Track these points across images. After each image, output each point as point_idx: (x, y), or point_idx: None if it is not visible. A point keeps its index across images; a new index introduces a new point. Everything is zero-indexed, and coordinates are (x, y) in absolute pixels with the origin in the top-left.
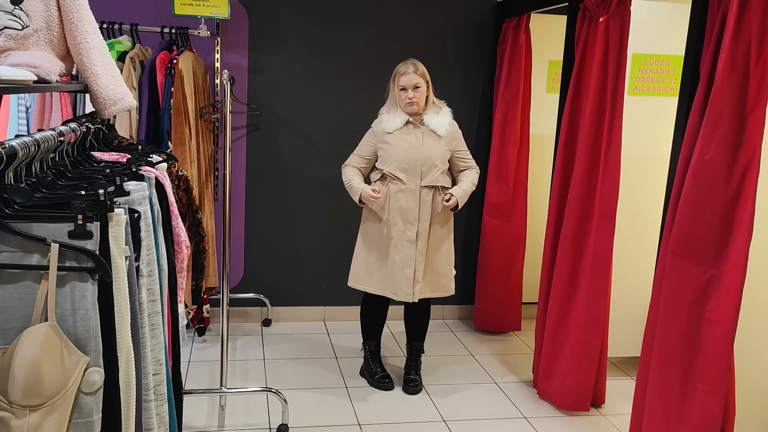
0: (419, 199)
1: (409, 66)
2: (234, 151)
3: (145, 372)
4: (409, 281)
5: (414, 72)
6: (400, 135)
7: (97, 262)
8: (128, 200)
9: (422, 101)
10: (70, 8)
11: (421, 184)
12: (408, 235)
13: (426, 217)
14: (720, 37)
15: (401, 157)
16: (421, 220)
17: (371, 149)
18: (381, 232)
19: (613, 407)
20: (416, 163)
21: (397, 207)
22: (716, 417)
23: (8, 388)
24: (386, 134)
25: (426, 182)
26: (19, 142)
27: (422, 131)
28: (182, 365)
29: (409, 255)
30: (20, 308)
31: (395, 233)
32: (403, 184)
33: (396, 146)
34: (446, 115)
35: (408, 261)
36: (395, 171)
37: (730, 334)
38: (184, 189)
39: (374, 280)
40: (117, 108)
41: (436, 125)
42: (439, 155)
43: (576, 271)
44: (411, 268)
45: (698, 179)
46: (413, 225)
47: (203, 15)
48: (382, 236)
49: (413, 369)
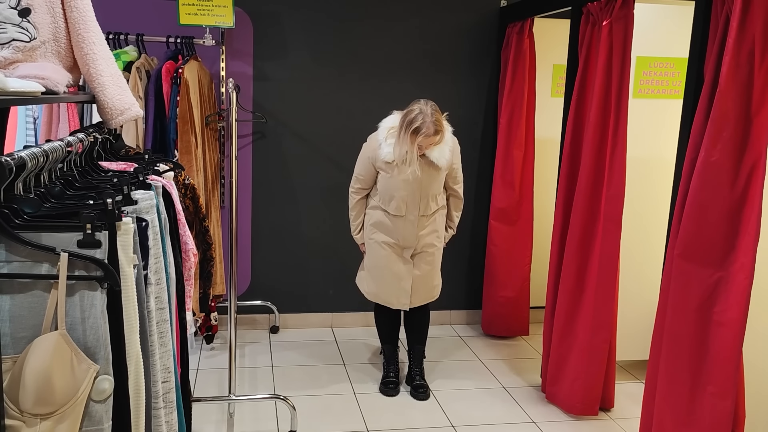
0: (416, 227)
1: (430, 127)
2: (240, 159)
3: (154, 380)
4: (406, 293)
5: (435, 132)
6: (399, 167)
7: (105, 271)
8: (136, 209)
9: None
10: (77, 20)
11: (420, 214)
12: (405, 255)
13: (422, 241)
14: (724, 38)
15: (400, 190)
16: (419, 244)
17: (371, 171)
18: (381, 247)
19: (623, 411)
20: (415, 195)
21: (396, 231)
22: (726, 420)
23: (19, 397)
24: (385, 162)
25: (425, 211)
26: (27, 153)
27: (422, 164)
28: (191, 373)
29: (406, 270)
30: (30, 317)
31: (394, 251)
32: (402, 214)
33: (395, 179)
34: (449, 142)
35: (405, 275)
36: (394, 204)
37: (739, 336)
38: (191, 197)
39: (376, 290)
40: (124, 118)
41: (437, 157)
42: (438, 184)
43: (583, 274)
44: (408, 281)
45: (704, 181)
46: (410, 248)
47: (208, 24)
48: (381, 251)
49: (419, 374)
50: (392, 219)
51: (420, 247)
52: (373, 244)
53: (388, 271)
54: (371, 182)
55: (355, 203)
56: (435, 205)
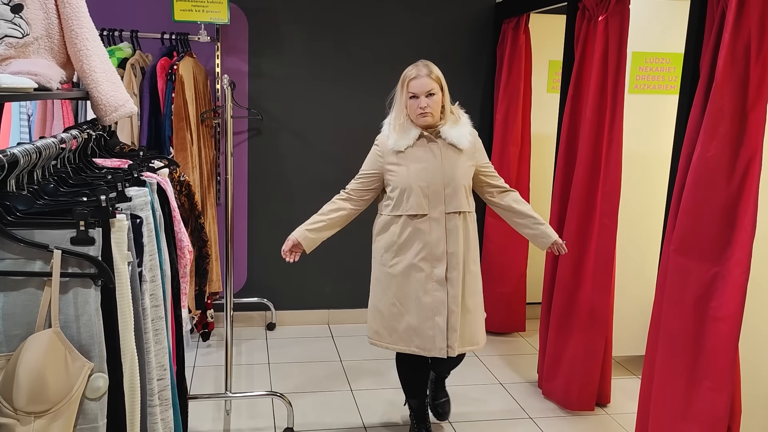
0: (445, 229)
1: (421, 68)
2: (236, 155)
3: (150, 377)
4: (442, 332)
5: (427, 75)
6: (413, 153)
7: (99, 268)
8: (130, 206)
9: (437, 110)
10: (70, 16)
11: (446, 211)
12: (437, 274)
13: (456, 251)
14: (719, 33)
15: (419, 179)
16: (451, 255)
17: (375, 170)
18: (402, 273)
19: (619, 406)
20: (438, 185)
21: (420, 242)
22: (723, 414)
23: (13, 395)
24: (396, 153)
25: (452, 208)
26: (20, 150)
27: (439, 146)
28: (187, 370)
29: (440, 299)
30: (24, 315)
31: (420, 273)
32: (424, 212)
33: (411, 167)
34: (466, 125)
35: (439, 306)
36: (413, 200)
37: (735, 330)
38: (186, 194)
39: (398, 334)
40: (118, 114)
41: (456, 137)
42: (463, 173)
43: (579, 270)
44: (443, 314)
45: (700, 177)
46: (441, 261)
47: (203, 20)
48: (403, 279)
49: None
50: (413, 225)
51: (454, 262)
52: (387, 276)
53: (416, 303)
54: (363, 184)
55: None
56: (465, 204)
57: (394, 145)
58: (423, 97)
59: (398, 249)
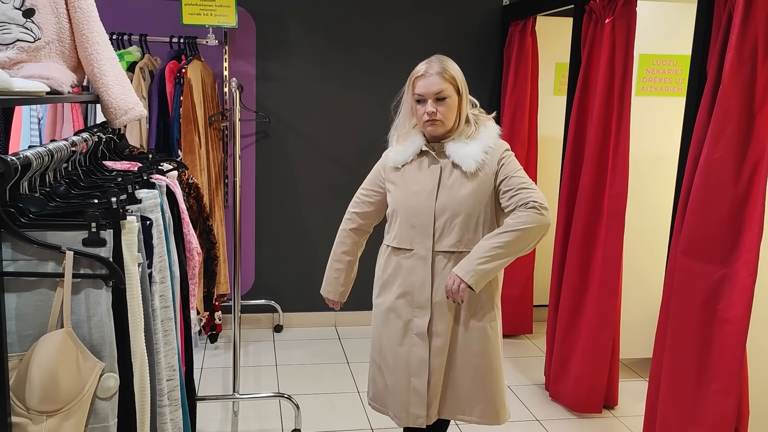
0: (432, 271)
1: (433, 64)
2: (243, 158)
3: (159, 377)
4: (420, 396)
5: (438, 74)
6: (409, 171)
7: (110, 269)
8: (140, 208)
9: (450, 118)
10: (81, 20)
11: (435, 248)
12: (417, 325)
13: (444, 301)
14: (726, 36)
15: (408, 205)
16: (437, 305)
17: (373, 188)
18: (383, 315)
19: (626, 409)
20: (425, 215)
21: (401, 282)
22: (730, 417)
23: (25, 394)
24: (393, 170)
25: (445, 245)
26: (33, 153)
27: (441, 166)
28: (195, 372)
29: (419, 356)
30: (36, 315)
31: (398, 321)
32: (408, 246)
33: (402, 189)
34: (482, 140)
35: (418, 365)
36: (398, 228)
37: (743, 332)
38: (195, 196)
39: (377, 389)
40: (127, 117)
41: (462, 157)
42: (464, 202)
43: (586, 272)
44: (422, 376)
45: (707, 178)
46: (424, 310)
47: (211, 24)
48: (383, 323)
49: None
50: (397, 260)
51: (440, 313)
52: (375, 313)
53: (393, 356)
54: (368, 208)
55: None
56: (466, 241)
57: (393, 160)
58: (431, 101)
59: (382, 286)
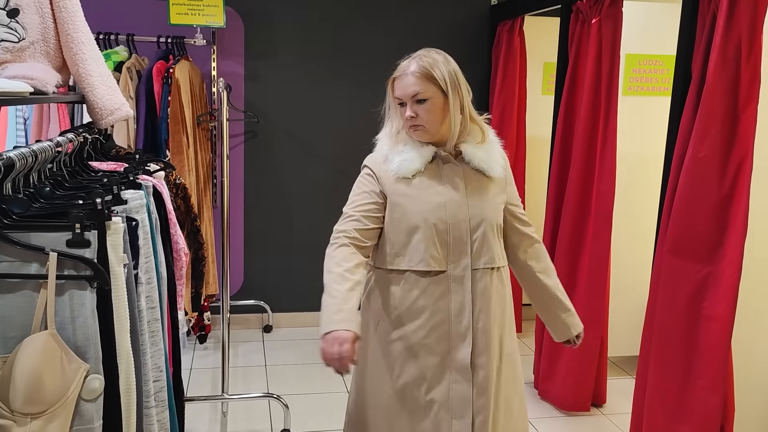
0: (472, 293)
1: (412, 63)
2: (232, 158)
3: (146, 379)
4: None
5: (413, 73)
6: (423, 181)
7: (95, 271)
8: (126, 209)
9: (434, 122)
10: (66, 20)
11: (474, 266)
12: (460, 357)
13: (488, 327)
14: (711, 36)
15: (435, 218)
16: (480, 331)
17: (375, 207)
18: (403, 355)
19: (614, 406)
20: (459, 229)
21: (432, 311)
22: (716, 413)
23: (9, 396)
24: (399, 181)
25: (483, 262)
26: (16, 153)
27: (462, 171)
28: (184, 372)
29: (463, 393)
30: (20, 317)
31: (432, 357)
32: (441, 268)
33: (421, 202)
34: (495, 143)
35: (461, 404)
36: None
37: (728, 330)
38: (182, 197)
39: None
40: (114, 118)
41: (484, 160)
42: (494, 210)
43: (574, 271)
44: (466, 417)
45: (692, 177)
46: (465, 341)
47: (199, 24)
48: (404, 365)
49: None
50: (422, 285)
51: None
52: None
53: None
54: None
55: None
56: (499, 255)
57: (398, 169)
58: (409, 104)
59: (397, 319)
